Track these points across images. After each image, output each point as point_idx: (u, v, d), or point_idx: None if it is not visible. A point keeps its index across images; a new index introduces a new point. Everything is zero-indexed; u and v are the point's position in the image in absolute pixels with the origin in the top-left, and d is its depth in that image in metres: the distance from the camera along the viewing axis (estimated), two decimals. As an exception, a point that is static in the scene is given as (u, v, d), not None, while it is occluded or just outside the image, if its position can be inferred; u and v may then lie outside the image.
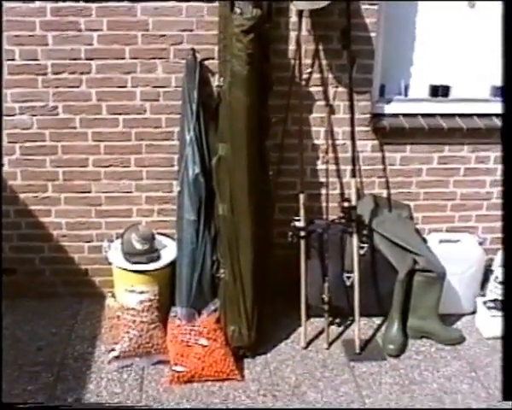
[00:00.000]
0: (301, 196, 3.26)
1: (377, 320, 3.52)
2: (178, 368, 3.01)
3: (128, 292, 3.27)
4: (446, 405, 2.94)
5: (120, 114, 3.35)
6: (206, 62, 3.28)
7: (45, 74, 3.24)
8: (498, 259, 3.68)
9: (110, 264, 3.42)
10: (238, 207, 3.07)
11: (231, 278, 3.12)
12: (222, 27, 3.09)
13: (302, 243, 3.26)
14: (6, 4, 3.12)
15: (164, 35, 3.24)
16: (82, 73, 3.26)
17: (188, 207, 3.20)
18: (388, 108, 3.60)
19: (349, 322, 3.45)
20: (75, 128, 3.35)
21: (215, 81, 3.22)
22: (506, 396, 2.46)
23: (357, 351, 3.26)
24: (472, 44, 3.65)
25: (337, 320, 3.48)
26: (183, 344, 3.07)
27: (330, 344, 3.32)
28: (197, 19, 3.22)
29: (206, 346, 3.06)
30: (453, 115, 3.63)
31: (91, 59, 3.24)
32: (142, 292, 3.23)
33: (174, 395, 2.94)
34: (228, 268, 3.13)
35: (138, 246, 3.29)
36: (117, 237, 3.49)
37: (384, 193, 3.65)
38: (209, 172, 3.19)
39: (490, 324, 3.44)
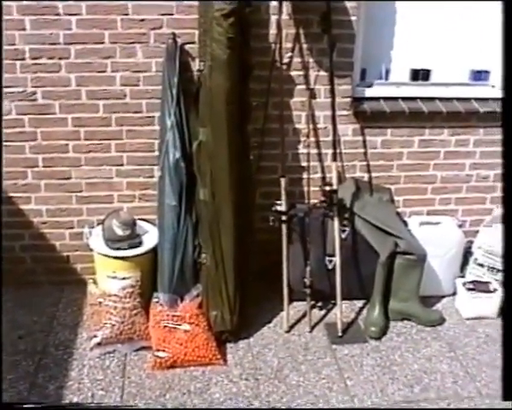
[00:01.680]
0: (282, 181, 3.26)
1: (359, 303, 3.55)
2: (161, 354, 3.02)
3: (110, 278, 3.26)
4: (426, 384, 2.98)
5: (100, 99, 3.32)
6: (187, 47, 3.26)
7: (23, 59, 3.20)
8: (478, 241, 3.72)
9: (91, 250, 3.41)
10: (219, 191, 3.07)
11: (213, 263, 3.12)
12: (202, 11, 3.06)
13: (284, 227, 3.27)
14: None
15: (143, 19, 3.21)
16: (61, 58, 3.22)
17: (169, 193, 3.19)
18: (369, 92, 3.60)
19: (331, 305, 3.47)
20: (55, 114, 3.31)
21: (195, 66, 3.19)
22: (506, 396, 2.46)
23: (339, 334, 3.28)
24: (452, 29, 3.65)
25: (319, 304, 3.50)
26: (165, 330, 3.07)
27: (312, 328, 3.35)
28: (177, 3, 3.19)
29: (188, 331, 3.06)
30: (433, 99, 3.64)
31: (70, 44, 3.20)
32: (123, 278, 3.23)
33: (157, 381, 2.94)
34: (209, 253, 3.13)
35: (119, 232, 3.28)
36: (98, 224, 3.48)
37: (365, 177, 3.66)
38: (190, 157, 3.18)
39: (469, 305, 3.49)
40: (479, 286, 3.52)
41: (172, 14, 3.21)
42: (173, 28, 3.22)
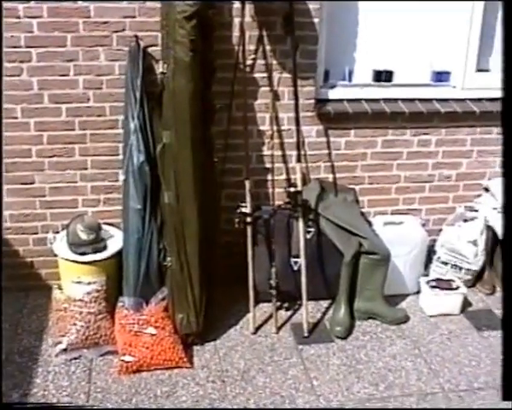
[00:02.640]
0: (247, 183, 3.27)
1: (325, 303, 3.57)
2: (127, 358, 3.00)
3: (75, 284, 3.24)
4: (391, 382, 3.02)
5: (63, 102, 3.29)
6: (150, 49, 3.24)
7: (-17, 63, 3.17)
8: (440, 239, 3.78)
9: (56, 256, 3.38)
10: (183, 194, 3.06)
11: (178, 266, 3.12)
12: (164, 14, 3.05)
13: (249, 229, 3.28)
14: None
15: (106, 22, 3.19)
16: (22, 62, 3.18)
17: (133, 196, 3.18)
18: (332, 94, 3.63)
19: (297, 306, 3.49)
20: (16, 118, 3.27)
21: (159, 68, 3.17)
22: (506, 396, 2.47)
23: (306, 334, 3.31)
24: (413, 30, 3.70)
25: (285, 305, 3.52)
26: (131, 334, 3.06)
27: (279, 329, 3.36)
28: (139, 5, 3.18)
29: (154, 335, 3.05)
30: (396, 100, 3.69)
31: (32, 47, 3.16)
32: (88, 283, 3.21)
33: (123, 386, 2.93)
34: (174, 256, 3.12)
35: (84, 236, 3.26)
36: (62, 229, 3.45)
37: (330, 177, 3.69)
38: (154, 160, 3.17)
39: (432, 302, 3.54)
40: (442, 284, 3.58)
41: (135, 17, 3.20)
42: (136, 31, 3.21)
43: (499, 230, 3.74)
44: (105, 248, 3.32)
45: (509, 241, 2.54)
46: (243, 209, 3.27)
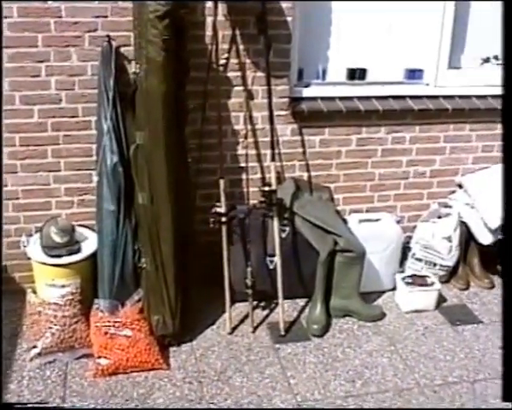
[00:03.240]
0: (221, 182, 3.26)
1: (301, 302, 3.58)
2: (102, 361, 2.98)
3: (49, 287, 3.21)
4: (367, 379, 3.04)
5: (35, 104, 3.25)
6: (122, 49, 3.21)
7: (-48, 65, 3.12)
8: (415, 236, 3.81)
9: (29, 259, 3.34)
10: (157, 195, 3.05)
11: (153, 267, 3.11)
12: (136, 13, 3.03)
13: (224, 228, 3.27)
14: None
15: (78, 22, 3.15)
16: (-8, 63, 3.16)
17: (107, 198, 3.15)
18: (306, 92, 3.63)
19: (274, 305, 3.48)
20: (-13, 120, 3.25)
21: (132, 68, 3.15)
22: (506, 397, 2.49)
23: (282, 333, 3.31)
24: (386, 28, 3.73)
25: (262, 304, 3.52)
26: (106, 336, 3.04)
27: (255, 328, 3.36)
28: (111, 5, 3.15)
29: (130, 337, 3.03)
30: (370, 98, 3.70)
31: (2, 47, 3.12)
32: (63, 286, 3.18)
33: (99, 389, 2.91)
34: (149, 257, 3.11)
35: (57, 239, 3.23)
36: (36, 231, 3.41)
37: (305, 176, 3.69)
38: (128, 161, 3.15)
39: (408, 298, 3.57)
40: (417, 280, 3.61)
41: (107, 17, 3.17)
42: (108, 31, 3.18)
43: (472, 226, 3.79)
44: (79, 250, 3.29)
45: (509, 241, 2.55)
46: (218, 209, 3.26)
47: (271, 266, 3.39)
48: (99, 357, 3.00)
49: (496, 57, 3.95)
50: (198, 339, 3.27)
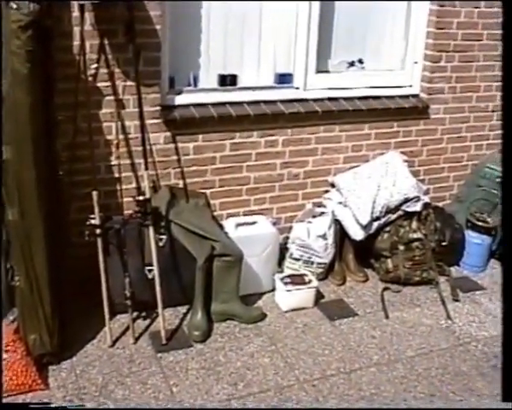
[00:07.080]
0: (94, 194, 3.20)
1: (182, 309, 3.58)
2: (-25, 387, 2.87)
3: None
4: (249, 380, 3.09)
5: None
6: (-14, 61, 3.11)
7: None
8: (292, 236, 3.92)
9: None
10: (28, 210, 2.95)
11: (27, 285, 3.00)
12: (-2, 23, 2.94)
13: (99, 240, 3.22)
14: None
15: None
16: None
17: (-26, 216, 3.03)
18: (179, 100, 3.65)
19: (155, 314, 3.45)
20: None
21: (-4, 81, 3.06)
22: (506, 397, 2.52)
23: (164, 342, 3.30)
24: (255, 33, 3.82)
25: (143, 314, 3.49)
26: (-21, 361, 2.92)
27: (137, 339, 3.33)
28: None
29: (4, 359, 2.92)
30: (241, 103, 3.77)
31: None
32: None
33: (-28, 416, 2.80)
34: (23, 275, 3.00)
35: None
36: None
37: (180, 183, 3.71)
38: (-4, 176, 3.04)
39: (286, 298, 3.66)
40: (295, 279, 3.71)
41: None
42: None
43: (346, 223, 3.95)
44: None
45: (509, 241, 2.62)
46: (92, 221, 3.21)
47: (150, 276, 3.37)
48: (-28, 383, 2.87)
49: (360, 61, 4.15)
50: (78, 355, 3.19)
